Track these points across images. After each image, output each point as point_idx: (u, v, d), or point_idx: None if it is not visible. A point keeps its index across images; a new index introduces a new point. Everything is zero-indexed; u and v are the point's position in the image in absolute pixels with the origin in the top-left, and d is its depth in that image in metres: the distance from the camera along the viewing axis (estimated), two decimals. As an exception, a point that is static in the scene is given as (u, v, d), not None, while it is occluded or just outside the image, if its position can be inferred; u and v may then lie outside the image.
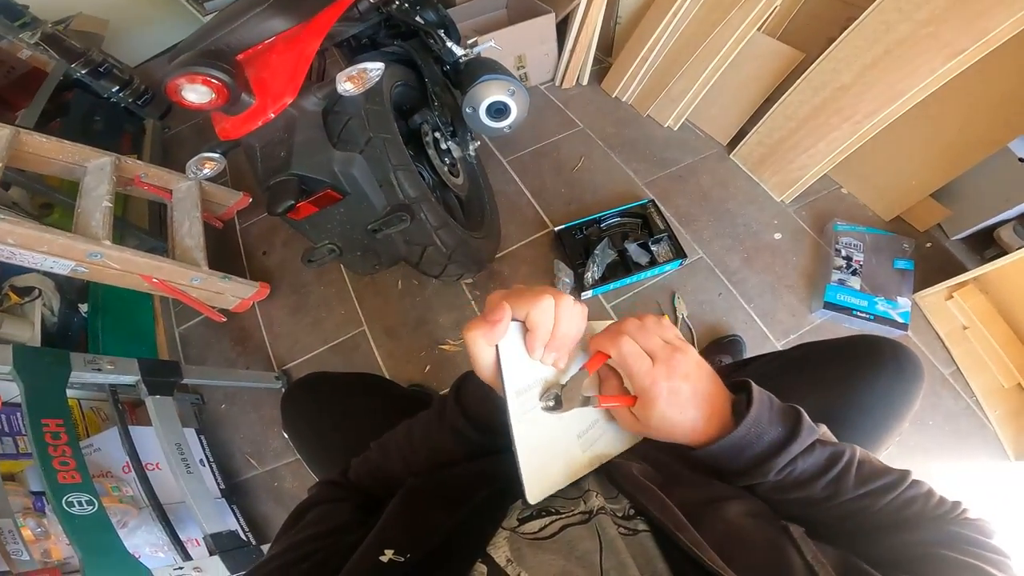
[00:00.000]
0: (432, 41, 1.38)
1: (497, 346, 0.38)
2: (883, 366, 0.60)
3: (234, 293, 1.46)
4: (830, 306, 1.34)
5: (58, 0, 1.96)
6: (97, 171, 1.35)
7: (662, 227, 1.48)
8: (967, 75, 1.17)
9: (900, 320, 1.32)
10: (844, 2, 1.44)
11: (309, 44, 1.02)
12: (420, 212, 1.18)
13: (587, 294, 1.43)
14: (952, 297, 1.34)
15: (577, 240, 1.52)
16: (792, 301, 1.41)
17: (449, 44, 1.42)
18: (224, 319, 1.51)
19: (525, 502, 0.39)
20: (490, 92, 1.23)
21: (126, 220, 1.59)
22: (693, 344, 1.35)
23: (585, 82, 2.01)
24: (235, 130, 1.00)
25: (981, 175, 1.34)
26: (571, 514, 0.39)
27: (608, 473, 0.43)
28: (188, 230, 1.45)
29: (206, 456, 1.29)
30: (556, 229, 1.54)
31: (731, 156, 1.70)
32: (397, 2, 1.30)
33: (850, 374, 0.61)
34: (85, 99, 1.87)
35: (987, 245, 1.40)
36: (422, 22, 1.39)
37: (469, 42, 1.54)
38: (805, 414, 0.41)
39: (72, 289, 1.45)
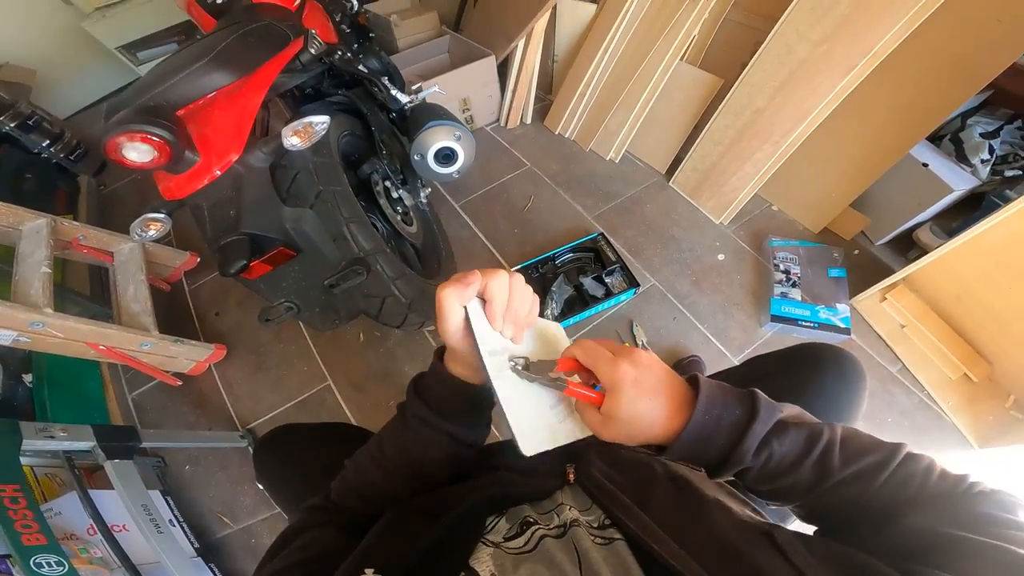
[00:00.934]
0: (376, 89, 1.39)
1: (466, 307, 0.42)
2: (826, 371, 0.64)
3: (188, 356, 1.43)
4: (777, 319, 1.41)
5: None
6: (33, 235, 1.30)
7: (614, 259, 1.54)
8: (863, 91, 1.29)
9: (842, 325, 1.39)
10: (751, 27, 1.54)
11: (252, 98, 1.00)
12: (376, 264, 1.16)
13: (548, 330, 1.46)
14: (886, 299, 1.43)
15: (534, 279, 1.55)
16: (742, 318, 1.47)
17: (393, 91, 1.42)
18: (180, 383, 1.47)
19: (515, 459, 0.41)
20: (437, 138, 1.25)
21: (65, 287, 1.51)
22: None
23: (529, 121, 2.09)
24: (180, 189, 0.98)
25: (892, 183, 1.45)
26: (548, 527, 0.41)
27: (582, 484, 0.45)
28: (134, 294, 1.41)
29: (175, 516, 1.26)
30: (513, 270, 1.56)
31: (671, 184, 1.78)
32: (339, 53, 1.30)
33: (798, 383, 0.65)
34: (15, 155, 1.76)
35: (909, 247, 1.50)
36: (365, 71, 1.40)
37: (414, 88, 1.56)
38: (762, 393, 0.42)
39: (14, 359, 1.37)
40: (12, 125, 1.63)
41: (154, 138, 0.86)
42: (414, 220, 1.53)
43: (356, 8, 1.76)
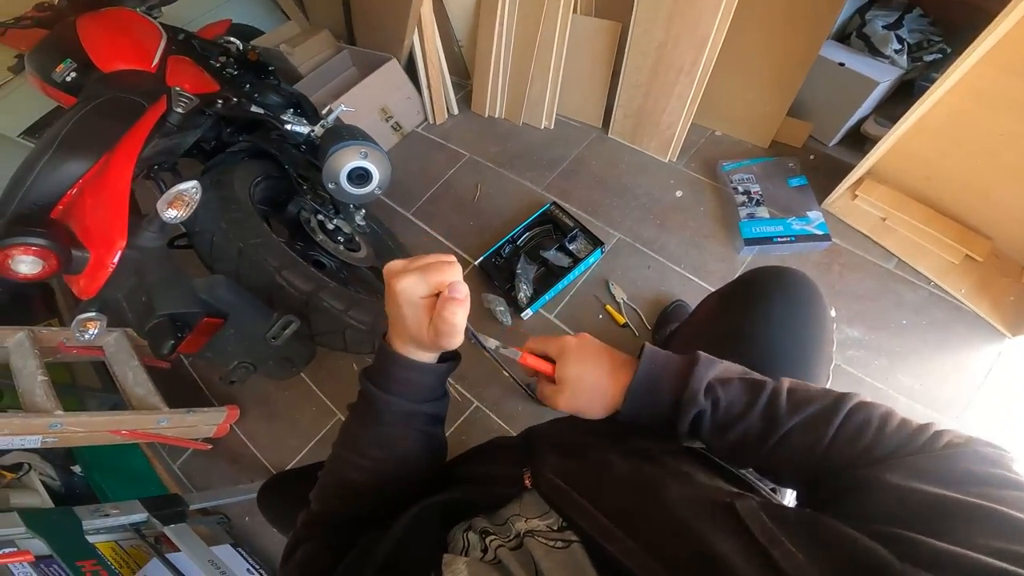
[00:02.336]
0: (275, 126, 1.35)
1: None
2: (770, 297, 0.59)
3: (207, 422, 1.45)
4: (751, 241, 1.37)
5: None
6: (18, 348, 1.29)
7: (571, 224, 1.48)
8: (751, 5, 1.24)
9: (820, 232, 1.34)
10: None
11: (119, 177, 0.94)
12: (322, 302, 1.15)
13: (527, 313, 1.40)
14: (857, 196, 1.38)
15: (499, 266, 1.49)
16: (717, 248, 1.43)
17: (289, 125, 1.38)
18: (210, 446, 1.48)
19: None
20: (343, 161, 1.18)
21: (77, 386, 1.56)
22: (643, 322, 1.35)
23: (456, 111, 2.01)
24: (89, 287, 0.93)
25: (819, 86, 1.42)
26: (505, 539, 0.41)
27: (538, 489, 0.44)
28: (134, 379, 1.41)
29: (252, 565, 1.27)
30: (476, 263, 1.51)
31: (609, 135, 1.73)
32: (221, 101, 1.24)
33: (750, 317, 0.60)
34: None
35: (862, 142, 1.46)
36: (261, 111, 1.35)
37: (323, 112, 1.51)
38: (702, 352, 0.45)
39: (58, 455, 1.41)
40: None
41: (34, 247, 0.81)
42: (361, 245, 1.47)
43: (242, 47, 1.68)
